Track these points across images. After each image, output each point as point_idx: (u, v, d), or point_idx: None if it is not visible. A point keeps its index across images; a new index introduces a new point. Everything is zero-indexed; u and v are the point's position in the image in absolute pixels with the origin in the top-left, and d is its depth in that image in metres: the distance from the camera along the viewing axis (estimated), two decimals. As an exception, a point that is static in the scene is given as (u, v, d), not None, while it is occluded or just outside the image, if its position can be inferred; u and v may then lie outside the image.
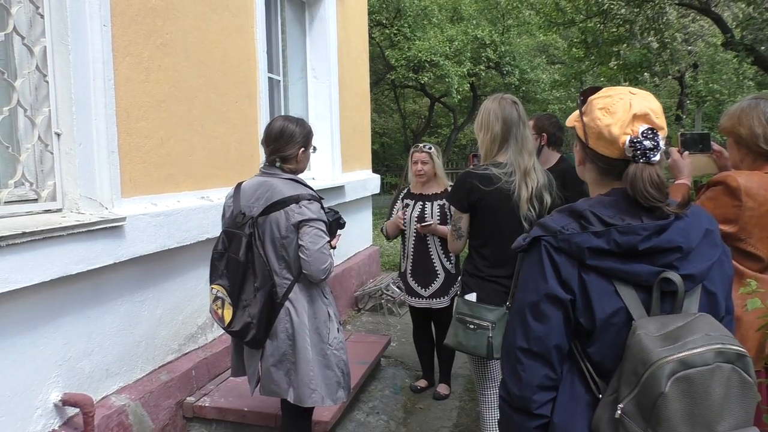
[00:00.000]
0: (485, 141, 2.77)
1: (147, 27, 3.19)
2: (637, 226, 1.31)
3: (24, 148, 2.68)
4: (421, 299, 4.18)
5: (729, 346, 1.20)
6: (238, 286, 2.63)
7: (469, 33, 16.56)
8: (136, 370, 3.15)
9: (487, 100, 2.85)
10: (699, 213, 1.42)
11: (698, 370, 1.17)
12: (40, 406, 2.56)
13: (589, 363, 1.36)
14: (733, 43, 10.52)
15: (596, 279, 1.32)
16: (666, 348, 1.19)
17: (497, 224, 2.72)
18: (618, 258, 1.31)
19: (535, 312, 1.37)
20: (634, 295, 1.32)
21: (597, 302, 1.32)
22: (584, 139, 1.44)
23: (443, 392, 4.31)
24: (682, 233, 1.33)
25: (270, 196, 2.63)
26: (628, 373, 1.24)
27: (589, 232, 1.33)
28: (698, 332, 1.21)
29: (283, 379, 2.69)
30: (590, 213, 1.35)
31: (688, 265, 1.32)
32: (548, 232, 1.38)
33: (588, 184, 1.53)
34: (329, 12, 5.87)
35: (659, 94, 20.34)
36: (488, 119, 2.75)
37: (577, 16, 12.84)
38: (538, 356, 1.36)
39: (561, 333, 1.35)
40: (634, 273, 1.31)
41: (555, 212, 1.44)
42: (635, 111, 1.34)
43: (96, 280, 2.84)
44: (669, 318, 1.28)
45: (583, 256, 1.32)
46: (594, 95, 1.45)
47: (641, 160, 1.32)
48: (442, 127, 24.46)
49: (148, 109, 3.19)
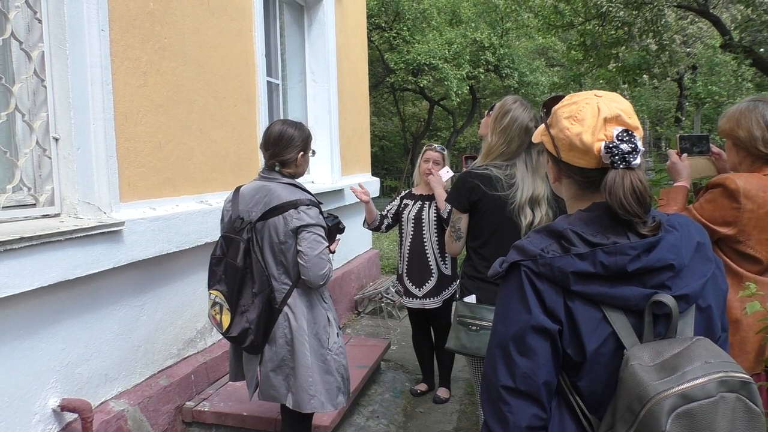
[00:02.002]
0: (496, 148, 2.67)
1: (145, 31, 3.19)
2: (625, 246, 1.19)
3: (22, 153, 2.68)
4: (415, 299, 4.18)
5: (732, 373, 1.09)
6: (236, 292, 2.62)
7: (468, 36, 16.61)
8: (134, 375, 3.14)
9: (518, 104, 2.66)
10: (688, 225, 1.30)
11: (700, 404, 1.06)
12: (39, 412, 2.55)
13: (579, 397, 1.24)
14: (732, 45, 10.53)
15: (583, 306, 1.20)
16: (663, 381, 1.08)
17: (497, 223, 2.70)
18: (605, 281, 1.19)
19: (520, 346, 1.22)
20: (624, 320, 1.20)
21: (585, 331, 1.20)
22: (555, 153, 1.33)
23: (443, 396, 4.30)
24: (673, 249, 1.21)
25: (269, 200, 2.63)
26: (623, 410, 1.12)
27: (573, 254, 1.21)
28: (697, 360, 1.10)
29: (281, 384, 2.68)
30: (571, 232, 1.24)
31: (681, 283, 1.21)
32: (527, 256, 1.25)
33: (566, 201, 1.41)
34: (328, 15, 5.88)
35: (658, 96, 20.39)
36: (511, 134, 2.62)
37: (575, 19, 12.85)
38: (525, 395, 1.21)
39: (550, 368, 1.22)
40: (623, 297, 1.19)
41: (532, 233, 1.32)
42: (605, 114, 1.24)
43: (94, 284, 2.83)
44: (663, 344, 1.16)
45: (567, 281, 1.20)
46: (558, 105, 1.35)
47: (621, 166, 1.21)
48: (442, 130, 24.49)
49: (146, 114, 3.19)
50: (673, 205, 2.31)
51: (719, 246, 2.23)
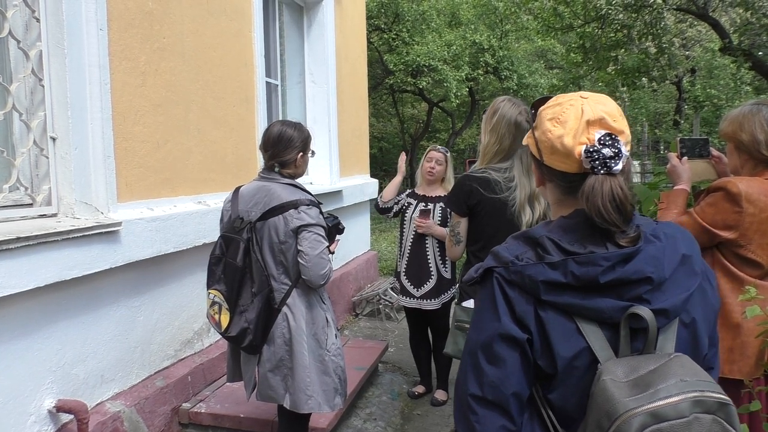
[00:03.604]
0: (491, 148, 2.68)
1: (144, 31, 3.18)
2: (598, 256, 1.14)
3: (19, 153, 2.67)
4: (413, 299, 4.18)
5: (708, 393, 1.03)
6: (236, 292, 2.62)
7: (468, 38, 16.61)
8: (131, 376, 3.12)
9: (506, 101, 2.70)
10: (674, 236, 1.23)
11: (671, 424, 1.00)
12: (34, 413, 2.53)
13: (551, 410, 1.19)
14: (731, 48, 10.55)
15: (555, 316, 1.15)
16: (634, 398, 1.03)
17: (497, 226, 2.69)
18: (577, 292, 1.14)
19: (488, 354, 1.19)
20: (599, 333, 1.14)
21: (557, 343, 1.15)
22: (539, 155, 1.28)
23: (441, 398, 4.29)
24: (652, 261, 1.15)
25: (268, 201, 2.62)
26: (593, 426, 1.07)
27: (544, 263, 1.16)
28: (672, 377, 1.05)
29: (279, 384, 2.67)
30: (547, 240, 1.19)
31: (661, 297, 1.15)
32: (500, 263, 1.21)
33: (550, 205, 1.36)
34: (327, 16, 5.87)
35: (657, 99, 20.41)
36: (503, 131, 2.64)
37: (575, 21, 12.87)
38: (493, 405, 1.18)
39: (519, 378, 1.18)
40: (596, 309, 1.13)
41: (510, 238, 1.28)
42: (588, 117, 1.18)
43: (91, 285, 2.81)
44: (640, 360, 1.10)
45: (537, 290, 1.15)
46: (544, 105, 1.29)
47: (601, 171, 1.15)
48: (441, 131, 24.50)
49: (144, 114, 3.18)
50: (674, 208, 2.31)
51: (720, 250, 2.22)
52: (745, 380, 2.10)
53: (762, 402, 2.09)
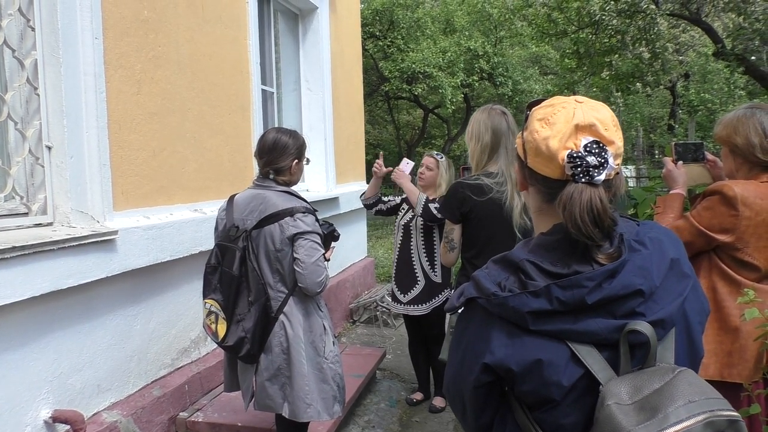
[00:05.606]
0: (475, 151, 2.78)
1: (139, 39, 3.18)
2: (581, 278, 1.06)
3: (14, 162, 2.66)
4: (400, 305, 4.18)
5: (718, 412, 0.99)
6: (232, 301, 2.60)
7: (462, 44, 16.67)
8: (128, 386, 3.11)
9: (476, 111, 2.86)
10: (660, 239, 1.17)
11: None
12: (30, 423, 2.51)
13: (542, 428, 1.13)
14: (724, 53, 10.62)
15: (547, 344, 1.08)
16: (644, 425, 0.97)
17: (491, 233, 2.70)
18: (567, 317, 1.07)
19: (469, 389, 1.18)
20: (596, 355, 1.07)
21: (554, 374, 1.08)
22: (523, 156, 1.21)
23: (439, 405, 4.27)
24: (640, 272, 1.09)
25: (264, 208, 2.61)
26: None
27: (527, 292, 1.08)
28: (679, 399, 0.99)
29: (277, 393, 2.66)
30: (528, 264, 1.11)
31: (656, 307, 1.09)
32: (482, 294, 1.14)
33: (531, 214, 1.30)
34: (322, 24, 5.89)
35: (651, 104, 20.51)
36: (478, 129, 2.77)
37: (569, 27, 12.94)
38: None
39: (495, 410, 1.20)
40: (589, 332, 1.07)
41: (490, 262, 1.20)
42: (578, 121, 1.11)
43: (87, 294, 2.80)
44: (643, 377, 1.04)
45: (525, 322, 1.08)
46: (537, 106, 1.23)
47: (582, 179, 1.08)
48: (436, 138, 24.55)
49: (140, 122, 3.17)
50: (670, 212, 2.32)
51: (717, 253, 2.23)
52: (744, 383, 2.11)
53: (761, 405, 2.09)
